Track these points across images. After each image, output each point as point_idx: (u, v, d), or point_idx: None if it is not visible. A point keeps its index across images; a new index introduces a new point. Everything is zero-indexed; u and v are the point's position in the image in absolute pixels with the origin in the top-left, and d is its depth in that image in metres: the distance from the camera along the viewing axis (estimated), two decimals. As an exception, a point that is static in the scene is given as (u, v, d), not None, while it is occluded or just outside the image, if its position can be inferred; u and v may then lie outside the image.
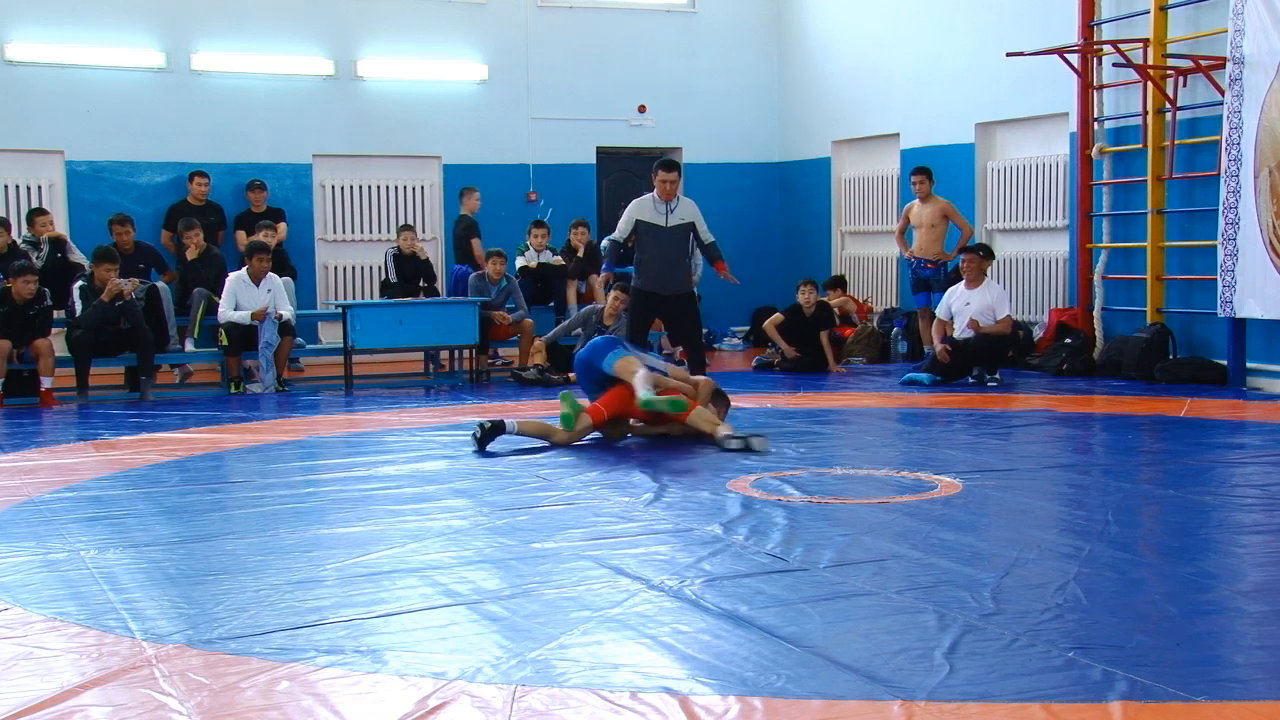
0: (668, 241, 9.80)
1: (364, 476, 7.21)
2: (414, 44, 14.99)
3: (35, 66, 13.56)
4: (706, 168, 16.29)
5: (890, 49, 14.88)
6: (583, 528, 5.82)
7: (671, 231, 9.80)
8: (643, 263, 9.91)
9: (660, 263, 9.82)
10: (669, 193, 9.79)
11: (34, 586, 4.91)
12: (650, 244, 9.81)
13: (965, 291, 11.58)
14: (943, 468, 7.16)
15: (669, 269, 9.84)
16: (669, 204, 9.81)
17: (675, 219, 9.80)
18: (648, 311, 10.05)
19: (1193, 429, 8.87)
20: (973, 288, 11.55)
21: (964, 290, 11.60)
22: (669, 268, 9.84)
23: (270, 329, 11.47)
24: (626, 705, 3.57)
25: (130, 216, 12.55)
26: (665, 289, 9.83)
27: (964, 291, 11.59)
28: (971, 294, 11.53)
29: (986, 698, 3.58)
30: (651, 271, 9.85)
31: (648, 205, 9.88)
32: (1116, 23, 12.03)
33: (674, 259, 9.86)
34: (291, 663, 3.94)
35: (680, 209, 9.85)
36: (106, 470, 7.46)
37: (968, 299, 11.53)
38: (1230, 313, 10.66)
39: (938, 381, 11.27)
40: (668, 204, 9.81)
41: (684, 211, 9.86)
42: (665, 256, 9.81)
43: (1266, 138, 10.24)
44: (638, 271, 10.02)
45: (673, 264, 9.86)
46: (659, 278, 9.83)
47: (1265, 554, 5.34)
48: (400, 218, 14.69)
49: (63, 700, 3.65)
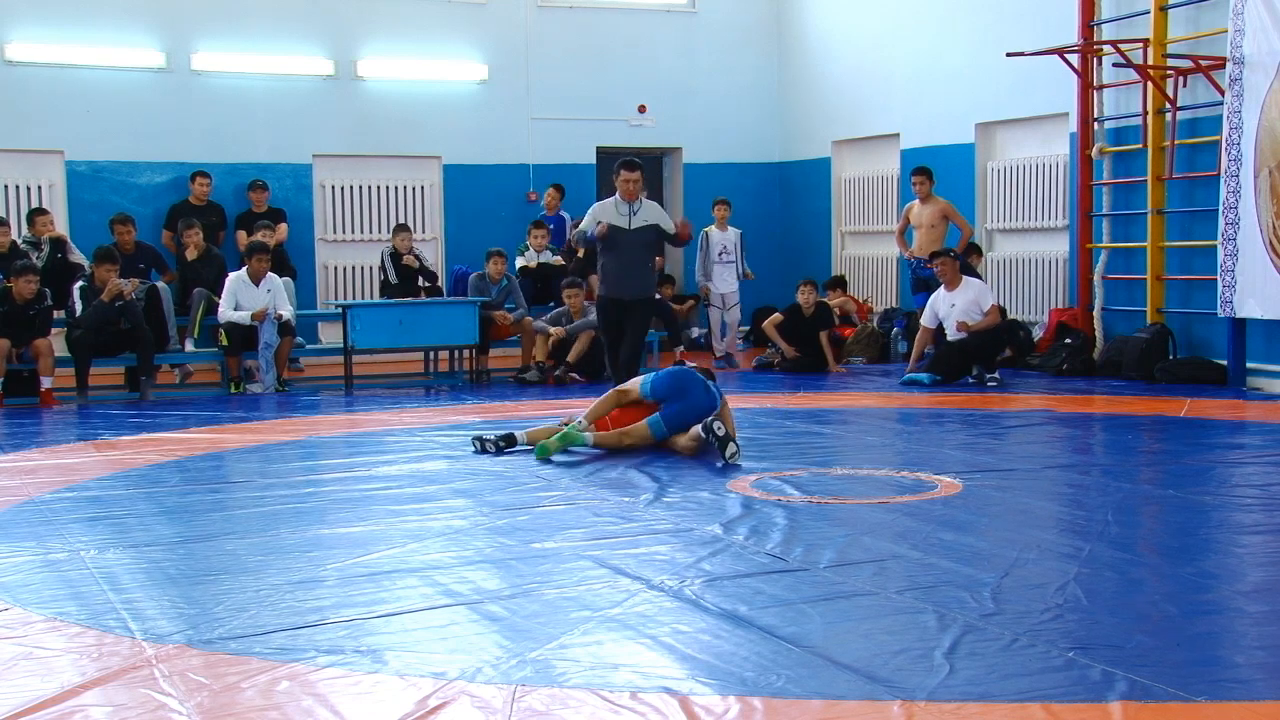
0: (630, 245, 9.38)
1: (364, 476, 7.21)
2: (414, 44, 14.99)
3: (35, 66, 13.56)
4: (706, 168, 16.30)
5: (890, 49, 14.88)
6: (583, 528, 5.82)
7: (635, 234, 9.39)
8: (604, 267, 9.55)
9: (620, 267, 9.40)
10: (631, 193, 9.39)
11: (34, 586, 4.91)
12: (612, 247, 9.39)
13: (946, 295, 11.60)
14: (943, 468, 7.16)
15: (630, 273, 9.41)
16: (631, 205, 9.42)
17: (639, 220, 9.42)
18: (615, 318, 9.49)
19: (1193, 429, 8.87)
20: (951, 290, 11.58)
21: (945, 294, 11.62)
22: (630, 271, 9.41)
23: (270, 329, 11.48)
24: (626, 705, 3.58)
25: (131, 217, 12.55)
26: (627, 294, 9.40)
27: (945, 295, 11.61)
28: (953, 295, 11.56)
29: (986, 698, 3.58)
30: (612, 276, 9.45)
31: (609, 207, 9.50)
32: (1116, 23, 12.03)
33: (637, 262, 9.44)
34: (292, 663, 3.94)
35: (644, 211, 9.47)
36: (107, 470, 7.47)
37: (951, 301, 11.56)
38: (1230, 313, 10.66)
39: (938, 381, 11.28)
40: (630, 205, 9.42)
41: (647, 213, 9.48)
42: (627, 260, 9.39)
43: (1266, 138, 10.24)
44: (601, 277, 9.69)
45: (634, 268, 9.43)
46: (620, 283, 9.41)
47: (1265, 554, 5.34)
48: (400, 218, 14.68)
49: (63, 700, 3.65)
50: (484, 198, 15.25)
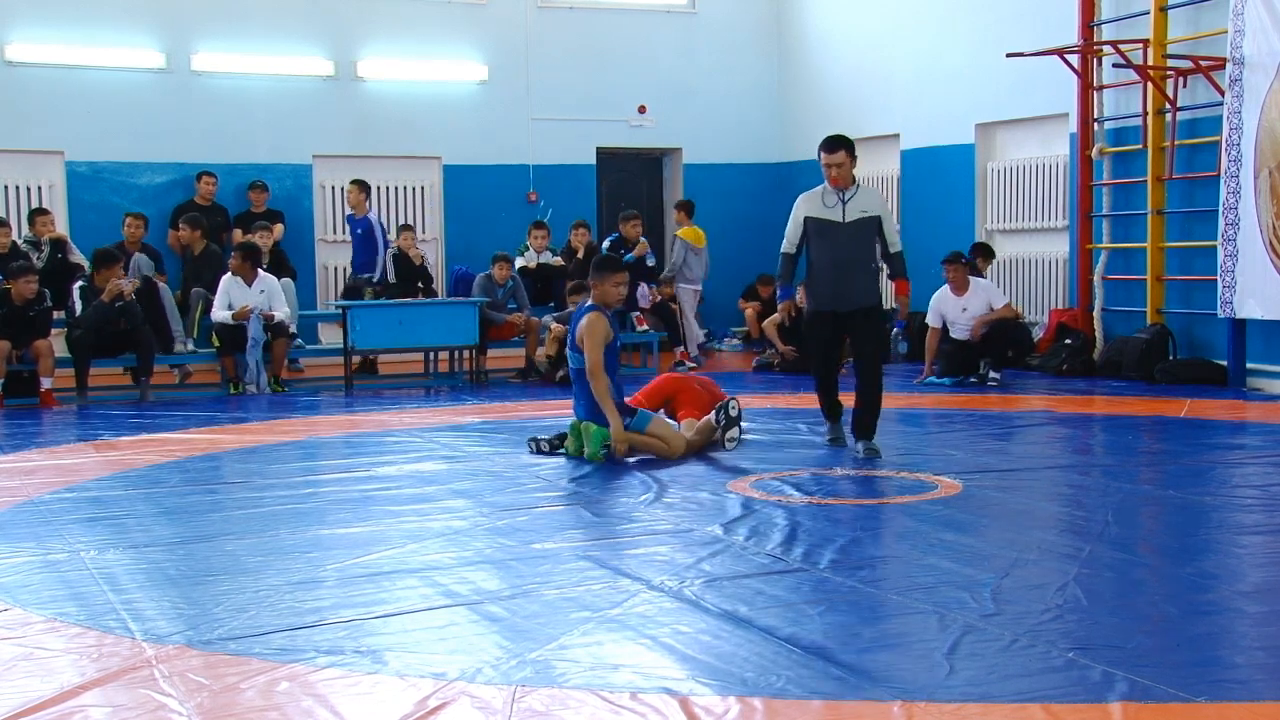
0: (844, 243, 7.78)
1: (364, 477, 7.21)
2: (414, 44, 14.99)
3: (35, 66, 13.56)
4: (706, 168, 16.30)
5: (890, 49, 14.87)
6: (583, 528, 5.82)
7: (849, 229, 7.77)
8: (812, 273, 7.93)
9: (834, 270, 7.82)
10: (837, 178, 7.78)
11: (34, 587, 4.91)
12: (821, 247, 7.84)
13: (956, 299, 11.60)
14: (943, 468, 7.16)
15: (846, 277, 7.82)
16: (842, 192, 7.77)
17: (854, 211, 7.77)
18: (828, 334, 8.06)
19: (1193, 429, 8.87)
20: (961, 294, 11.58)
21: (954, 298, 11.61)
22: (846, 276, 7.82)
23: (255, 326, 11.41)
24: (626, 706, 3.57)
25: (145, 216, 12.65)
26: (844, 304, 7.85)
27: (954, 299, 11.61)
28: (964, 300, 11.56)
29: (986, 698, 3.58)
30: (823, 283, 7.87)
31: (815, 198, 7.89)
32: (1116, 23, 12.03)
33: (854, 264, 7.83)
34: (291, 663, 3.94)
35: (860, 198, 7.82)
36: (106, 471, 7.46)
37: (963, 305, 11.56)
38: (1230, 313, 10.65)
39: (958, 382, 11.30)
40: (840, 192, 7.78)
41: (865, 202, 7.83)
42: (842, 261, 7.80)
43: (1266, 138, 10.24)
44: (808, 286, 8.05)
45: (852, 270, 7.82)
46: (834, 291, 7.84)
47: (1265, 554, 5.34)
48: (400, 218, 14.68)
49: (63, 701, 3.65)
50: (484, 198, 15.25)
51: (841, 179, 7.78)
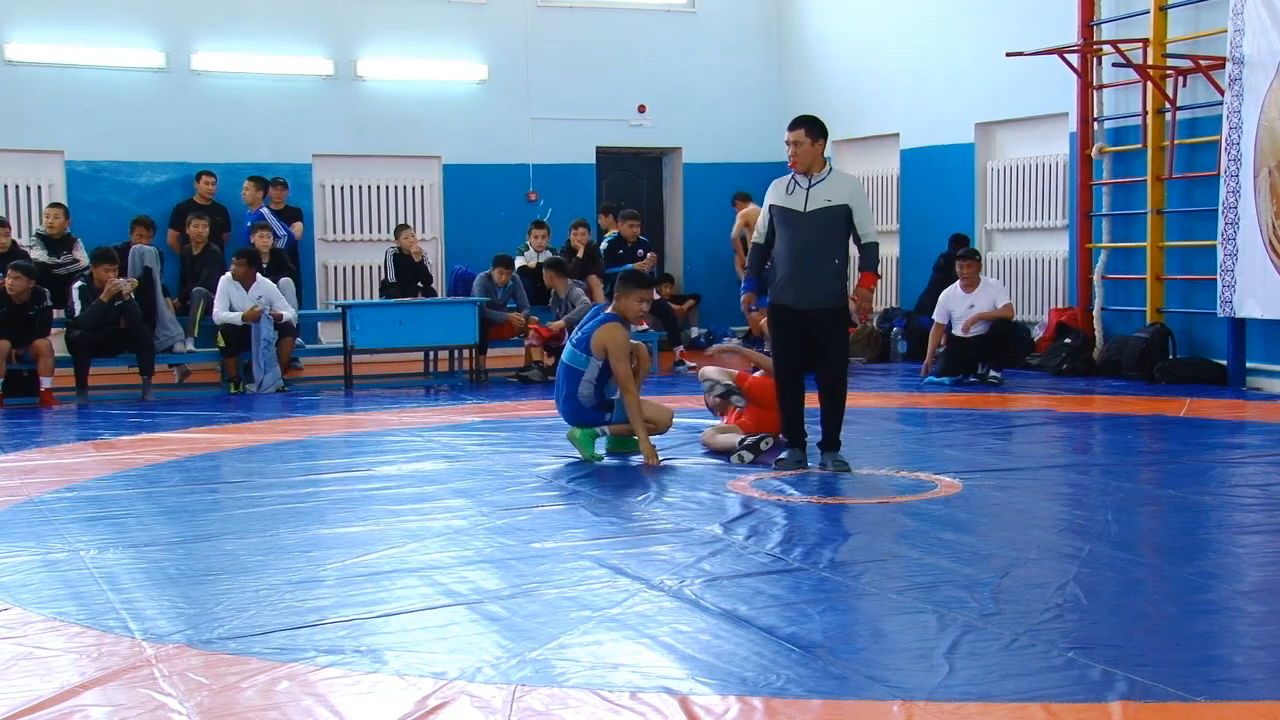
0: (804, 232, 7.32)
1: (364, 476, 7.21)
2: (414, 44, 14.98)
3: (35, 66, 13.55)
4: (706, 168, 16.29)
5: (890, 49, 14.87)
6: (583, 528, 5.82)
7: (811, 218, 7.30)
8: (773, 263, 7.50)
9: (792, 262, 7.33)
10: (798, 160, 7.34)
11: (34, 586, 4.91)
12: (782, 237, 7.42)
13: (965, 296, 11.60)
14: (943, 468, 7.16)
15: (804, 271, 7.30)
16: (807, 179, 7.33)
17: (818, 199, 7.27)
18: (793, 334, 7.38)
19: (1193, 429, 8.87)
20: (971, 290, 11.59)
21: (964, 295, 11.61)
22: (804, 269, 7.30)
23: (267, 326, 11.45)
24: (626, 705, 3.57)
25: (153, 221, 12.66)
26: (801, 301, 7.29)
27: (964, 296, 11.61)
28: (972, 297, 11.57)
29: (986, 698, 3.58)
30: (782, 275, 7.38)
31: (780, 187, 7.54)
32: (1116, 23, 12.03)
33: (813, 257, 7.29)
34: (291, 663, 3.94)
35: (827, 185, 7.30)
36: (106, 470, 7.46)
37: (970, 302, 11.56)
38: (1230, 313, 10.65)
39: (959, 381, 11.30)
40: (806, 178, 7.35)
41: (833, 189, 7.29)
42: (800, 252, 7.32)
43: (1266, 138, 10.23)
44: (769, 278, 7.55)
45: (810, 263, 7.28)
46: (792, 285, 7.33)
47: (1265, 554, 5.34)
48: (400, 218, 14.68)
49: (63, 700, 3.65)
50: (484, 198, 15.24)
51: (801, 161, 7.19)
